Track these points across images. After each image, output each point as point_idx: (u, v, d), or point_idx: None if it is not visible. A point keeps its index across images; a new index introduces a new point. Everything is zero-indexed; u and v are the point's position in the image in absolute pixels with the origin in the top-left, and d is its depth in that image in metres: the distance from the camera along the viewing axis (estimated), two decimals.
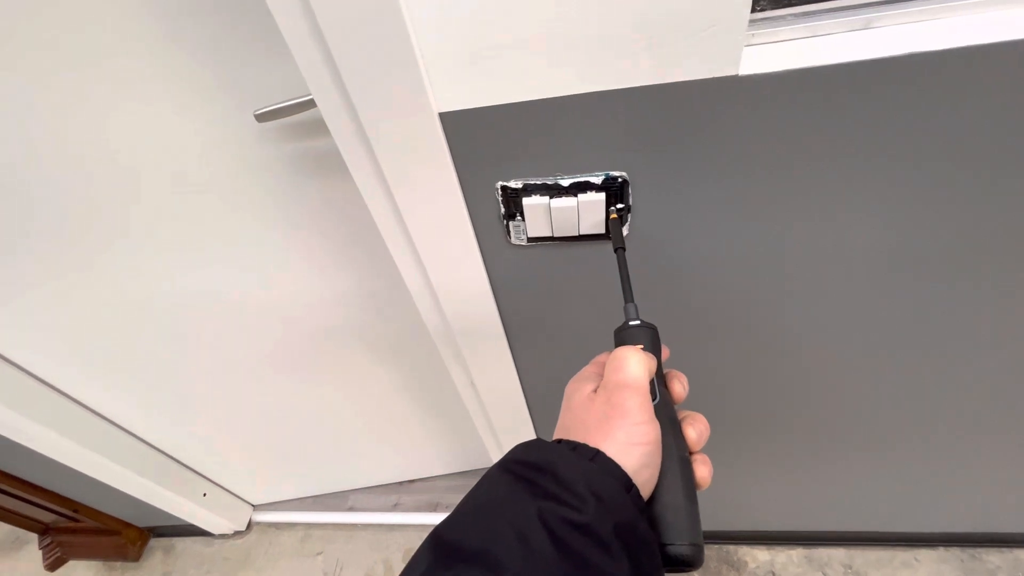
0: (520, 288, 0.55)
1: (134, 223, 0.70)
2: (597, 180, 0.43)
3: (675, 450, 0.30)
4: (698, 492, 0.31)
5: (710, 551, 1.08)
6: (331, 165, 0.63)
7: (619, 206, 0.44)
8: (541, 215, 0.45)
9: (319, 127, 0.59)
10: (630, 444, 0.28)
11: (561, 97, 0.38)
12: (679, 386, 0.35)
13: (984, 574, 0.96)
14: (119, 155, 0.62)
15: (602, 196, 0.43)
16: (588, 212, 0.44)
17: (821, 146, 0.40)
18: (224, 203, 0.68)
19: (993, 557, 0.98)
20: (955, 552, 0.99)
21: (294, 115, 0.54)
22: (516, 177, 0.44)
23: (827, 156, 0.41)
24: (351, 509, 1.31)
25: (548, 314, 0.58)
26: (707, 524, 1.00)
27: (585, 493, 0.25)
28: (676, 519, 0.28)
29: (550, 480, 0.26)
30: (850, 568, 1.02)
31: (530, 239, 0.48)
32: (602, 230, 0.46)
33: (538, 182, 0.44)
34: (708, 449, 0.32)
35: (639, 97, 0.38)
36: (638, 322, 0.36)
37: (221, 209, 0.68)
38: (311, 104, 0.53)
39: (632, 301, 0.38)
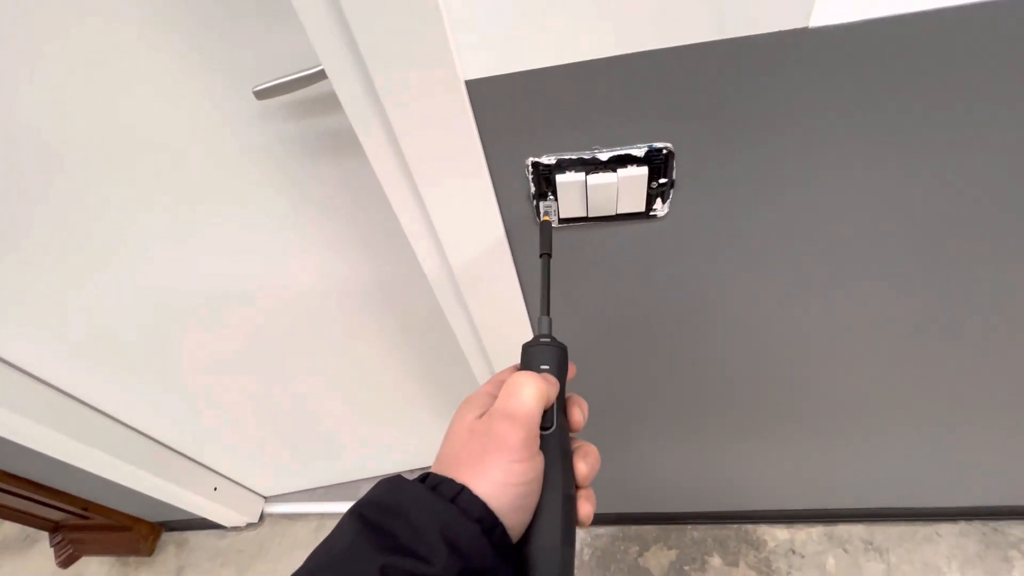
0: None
1: (132, 214, 0.65)
2: (639, 153, 0.39)
3: (560, 486, 0.29)
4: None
5: (730, 530, 1.08)
6: (341, 144, 0.59)
7: (662, 181, 0.41)
8: (576, 193, 0.41)
9: (326, 103, 0.54)
10: (505, 484, 0.26)
11: (603, 59, 0.34)
12: (579, 414, 0.32)
13: (1006, 547, 0.96)
14: (121, 141, 0.58)
15: (644, 170, 0.39)
16: (628, 188, 0.41)
17: (904, 112, 0.36)
18: (225, 189, 0.63)
19: (1015, 530, 0.97)
20: (976, 525, 0.99)
21: (298, 90, 0.50)
22: (549, 151, 0.40)
23: (910, 124, 0.36)
24: None
25: (578, 301, 0.55)
26: (726, 503, 1.01)
27: (436, 542, 0.23)
28: (548, 563, 0.27)
29: (402, 525, 0.24)
30: (871, 544, 1.01)
31: (562, 220, 0.45)
32: (641, 208, 0.43)
33: (573, 157, 0.40)
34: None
35: (691, 57, 0.34)
36: (548, 339, 0.34)
37: (222, 195, 0.64)
38: (317, 78, 0.48)
39: (547, 314, 0.35)
